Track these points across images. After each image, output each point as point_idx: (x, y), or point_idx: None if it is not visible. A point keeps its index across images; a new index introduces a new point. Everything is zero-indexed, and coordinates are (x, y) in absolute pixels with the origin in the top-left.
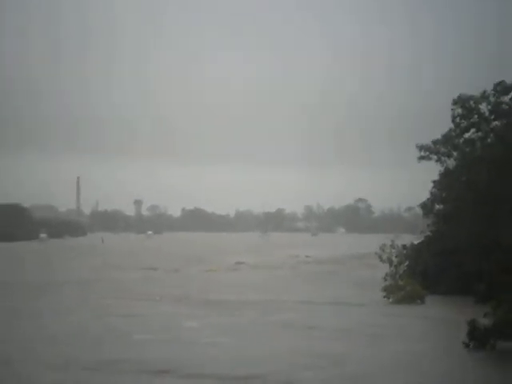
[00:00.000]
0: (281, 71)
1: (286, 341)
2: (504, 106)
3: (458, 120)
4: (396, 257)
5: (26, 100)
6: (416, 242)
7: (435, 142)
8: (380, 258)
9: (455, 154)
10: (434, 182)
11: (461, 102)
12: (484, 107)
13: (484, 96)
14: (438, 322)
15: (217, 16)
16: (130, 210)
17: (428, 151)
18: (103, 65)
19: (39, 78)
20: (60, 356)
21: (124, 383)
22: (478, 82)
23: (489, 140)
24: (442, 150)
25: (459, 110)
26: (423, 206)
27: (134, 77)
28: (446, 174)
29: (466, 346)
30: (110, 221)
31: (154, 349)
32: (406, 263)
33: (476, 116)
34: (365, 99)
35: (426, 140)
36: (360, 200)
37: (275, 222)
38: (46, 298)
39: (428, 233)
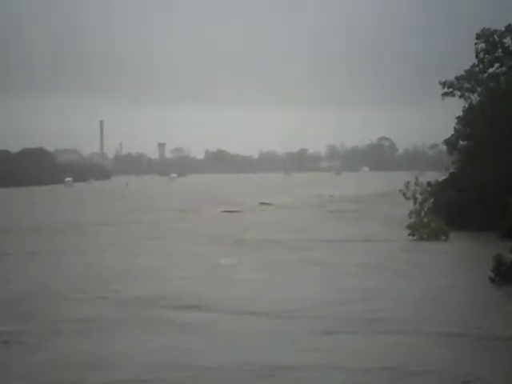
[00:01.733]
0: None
1: (314, 277)
2: None
3: (481, 55)
4: (421, 194)
5: (48, 41)
6: (440, 179)
7: (458, 78)
8: (404, 195)
9: (479, 89)
10: (458, 117)
11: (484, 36)
12: (508, 41)
13: (508, 30)
14: (464, 258)
15: None
16: (153, 153)
17: (451, 87)
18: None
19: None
20: (98, 291)
21: (158, 318)
22: (501, 16)
23: None
24: (466, 85)
25: (483, 45)
26: (447, 142)
27: (157, 18)
28: (469, 110)
29: (492, 280)
30: (133, 164)
31: (189, 285)
32: (431, 200)
33: (500, 50)
34: (388, 35)
35: (450, 76)
36: (383, 138)
37: (298, 162)
38: (85, 239)
39: (452, 169)
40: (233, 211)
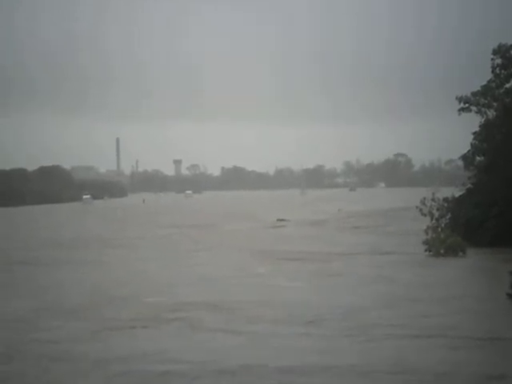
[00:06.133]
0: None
1: (336, 286)
2: None
3: (497, 70)
4: (437, 210)
5: (60, 60)
6: (457, 195)
7: (475, 94)
8: (421, 211)
9: (495, 104)
10: (475, 133)
11: (501, 51)
12: None
13: None
14: (482, 273)
15: None
16: (169, 170)
17: (468, 103)
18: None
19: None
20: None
21: (186, 316)
22: None
23: None
24: (482, 101)
25: (499, 60)
26: (464, 158)
27: (166, 37)
28: (486, 125)
29: (510, 296)
30: (149, 181)
31: (233, 291)
32: (448, 216)
33: None
34: (400, 51)
35: (466, 92)
36: (399, 154)
37: (315, 178)
38: (126, 251)
39: (469, 185)
40: (251, 227)
